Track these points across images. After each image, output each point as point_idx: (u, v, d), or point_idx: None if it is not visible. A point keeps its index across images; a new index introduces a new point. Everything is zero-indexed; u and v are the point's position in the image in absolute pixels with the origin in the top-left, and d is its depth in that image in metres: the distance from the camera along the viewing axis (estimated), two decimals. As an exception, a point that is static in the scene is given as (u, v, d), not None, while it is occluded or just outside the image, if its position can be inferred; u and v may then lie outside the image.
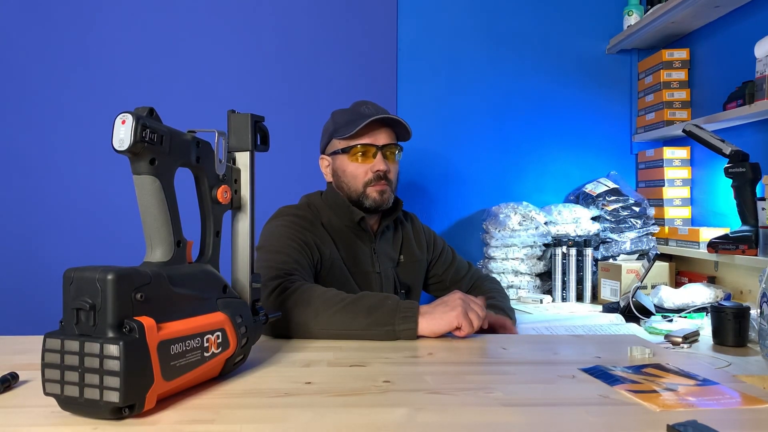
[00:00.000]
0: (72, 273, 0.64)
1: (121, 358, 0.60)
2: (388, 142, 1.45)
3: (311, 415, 0.66)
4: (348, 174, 1.45)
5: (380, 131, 1.45)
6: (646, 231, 2.17)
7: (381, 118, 1.43)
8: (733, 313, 1.36)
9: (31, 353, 0.92)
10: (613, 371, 0.84)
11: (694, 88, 2.21)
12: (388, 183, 1.45)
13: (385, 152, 1.44)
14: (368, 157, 1.44)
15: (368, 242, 1.47)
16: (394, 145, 1.46)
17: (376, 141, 1.43)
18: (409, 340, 1.05)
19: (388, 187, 1.45)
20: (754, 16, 1.90)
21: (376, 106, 1.48)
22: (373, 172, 1.42)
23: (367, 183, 1.43)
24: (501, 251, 2.14)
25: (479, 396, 0.73)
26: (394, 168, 1.47)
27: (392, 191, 1.47)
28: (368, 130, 1.44)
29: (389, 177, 1.45)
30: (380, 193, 1.43)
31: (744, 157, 1.69)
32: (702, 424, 0.60)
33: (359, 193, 1.44)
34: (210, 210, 0.81)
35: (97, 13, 2.24)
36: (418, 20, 2.37)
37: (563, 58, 2.41)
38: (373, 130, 1.44)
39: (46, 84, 2.23)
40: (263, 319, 0.87)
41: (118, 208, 2.22)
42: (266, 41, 2.31)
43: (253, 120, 0.86)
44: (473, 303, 1.10)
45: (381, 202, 1.44)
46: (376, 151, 1.43)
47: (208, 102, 2.26)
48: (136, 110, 0.69)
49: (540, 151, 2.41)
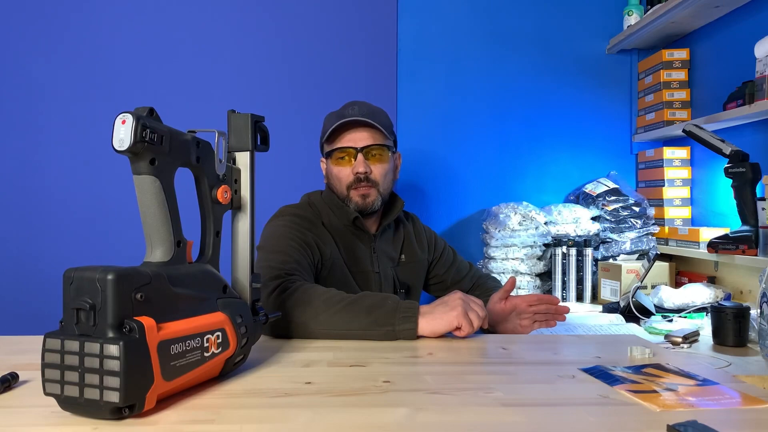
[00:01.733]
0: (72, 273, 0.64)
1: (121, 358, 0.60)
2: (369, 143, 1.42)
3: (311, 415, 0.66)
4: (334, 177, 1.45)
5: (362, 133, 1.42)
6: (646, 231, 2.17)
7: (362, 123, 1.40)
8: (733, 313, 1.36)
9: (31, 353, 0.92)
10: (613, 371, 0.84)
11: (694, 88, 2.20)
12: (373, 185, 1.42)
13: (366, 153, 1.42)
14: (349, 159, 1.42)
15: (367, 242, 1.47)
16: (377, 146, 1.43)
17: (355, 143, 1.41)
18: (409, 340, 1.05)
19: (373, 189, 1.42)
20: (754, 16, 1.89)
21: (364, 106, 1.45)
22: (354, 174, 1.41)
23: (349, 186, 1.42)
24: (501, 251, 2.14)
25: (479, 396, 0.73)
26: (380, 168, 1.43)
27: (379, 193, 1.43)
28: (348, 133, 1.42)
29: (373, 178, 1.42)
30: (362, 196, 1.41)
31: (744, 157, 1.69)
32: (702, 424, 0.60)
33: (344, 196, 1.43)
34: (210, 210, 0.81)
35: (97, 13, 2.24)
36: (418, 20, 2.37)
37: (563, 58, 2.41)
38: (354, 133, 1.42)
39: (45, 84, 2.23)
40: (263, 319, 0.87)
41: (118, 208, 2.22)
42: (266, 41, 2.31)
43: (253, 120, 0.86)
44: (473, 303, 1.10)
45: (363, 206, 1.42)
46: (356, 153, 1.41)
47: (208, 102, 2.26)
48: (136, 110, 0.69)
49: (540, 151, 2.41)
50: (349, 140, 1.42)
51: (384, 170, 1.45)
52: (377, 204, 1.44)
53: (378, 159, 1.44)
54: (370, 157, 1.43)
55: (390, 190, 1.50)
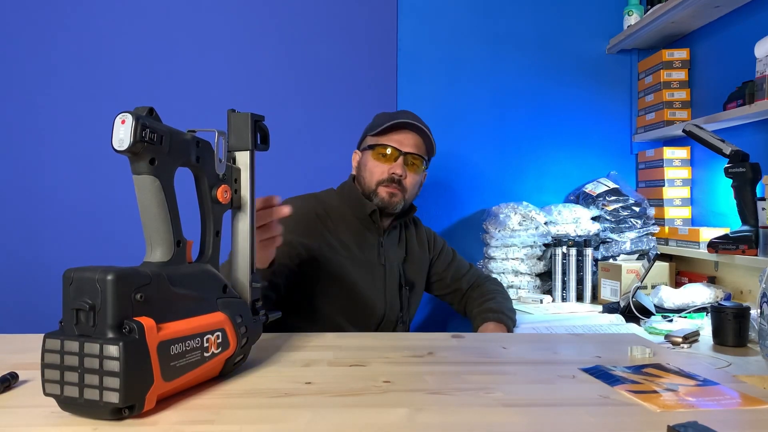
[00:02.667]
0: (72, 273, 0.64)
1: (120, 358, 0.60)
2: (413, 150, 1.47)
3: (311, 415, 0.66)
4: (367, 169, 1.48)
5: (410, 139, 1.47)
6: (646, 231, 2.17)
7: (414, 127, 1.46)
8: (733, 313, 1.36)
9: (31, 353, 0.92)
10: (613, 371, 0.84)
11: (694, 88, 2.20)
12: (401, 189, 1.46)
13: (407, 159, 1.47)
14: (390, 158, 1.46)
15: (376, 236, 1.50)
16: (418, 156, 1.48)
17: (401, 146, 1.46)
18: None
19: (400, 193, 1.46)
20: (754, 16, 1.89)
21: (417, 117, 1.50)
22: (389, 173, 1.45)
23: (380, 182, 1.46)
24: (501, 251, 2.14)
25: (479, 396, 0.73)
26: (412, 177, 1.48)
27: (404, 198, 1.48)
28: (398, 135, 1.46)
29: (404, 183, 1.46)
30: (390, 194, 1.45)
31: (744, 157, 1.69)
32: (702, 424, 0.60)
33: (371, 190, 1.47)
34: (210, 210, 0.81)
35: (97, 13, 2.24)
36: (418, 20, 2.37)
37: (563, 58, 2.41)
38: (402, 136, 1.47)
39: (45, 83, 2.23)
40: (263, 319, 0.87)
41: (118, 208, 2.22)
42: (266, 41, 2.31)
43: (253, 119, 0.86)
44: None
45: (388, 203, 1.45)
46: (399, 155, 1.46)
47: (208, 102, 2.26)
48: (136, 110, 0.69)
49: (540, 151, 2.41)
50: (397, 141, 1.47)
51: (415, 180, 1.50)
52: (399, 207, 1.48)
53: (414, 168, 1.49)
54: (409, 164, 1.48)
55: (411, 201, 1.55)
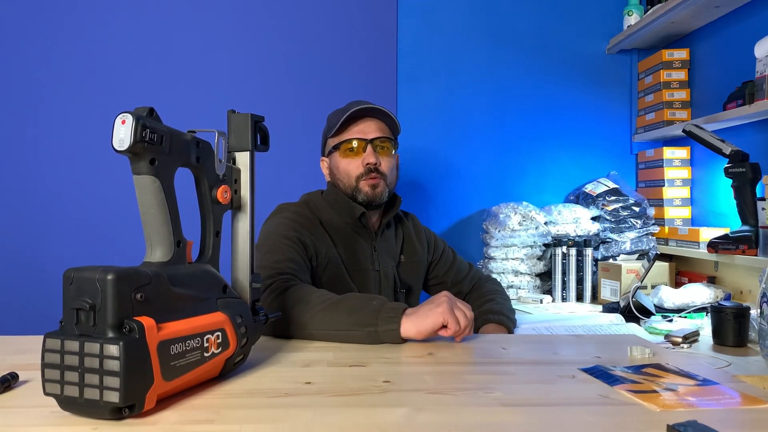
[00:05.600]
0: (72, 273, 0.64)
1: (121, 358, 0.60)
2: (377, 135, 1.44)
3: (311, 415, 0.66)
4: (341, 170, 1.45)
5: (369, 125, 1.44)
6: (646, 231, 2.17)
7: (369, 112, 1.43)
8: (733, 313, 1.35)
9: (31, 353, 0.92)
10: (613, 371, 0.84)
11: (694, 88, 2.20)
12: (381, 176, 1.43)
13: (375, 145, 1.44)
14: (358, 151, 1.43)
15: (369, 240, 1.47)
16: (385, 139, 1.45)
17: (365, 135, 1.43)
18: (395, 343, 1.02)
19: (382, 181, 1.43)
20: (754, 16, 1.89)
21: (369, 103, 1.47)
22: (364, 165, 1.42)
23: (359, 177, 1.42)
24: (501, 251, 2.14)
25: (479, 396, 0.73)
26: (387, 161, 1.45)
27: (387, 185, 1.45)
28: (357, 125, 1.44)
29: (381, 170, 1.43)
30: (372, 186, 1.42)
31: (744, 157, 1.69)
32: (702, 424, 0.60)
33: (353, 188, 1.43)
34: (210, 210, 0.81)
35: (98, 13, 2.24)
36: (418, 20, 2.37)
37: (563, 58, 2.41)
38: (362, 125, 1.44)
39: (45, 84, 2.23)
40: (263, 319, 0.87)
41: (118, 208, 2.21)
42: (266, 41, 2.31)
43: (252, 120, 0.86)
44: (460, 302, 1.08)
45: (373, 196, 1.42)
46: (366, 145, 1.42)
47: (208, 102, 2.26)
48: (136, 110, 0.69)
49: (540, 151, 2.41)
50: (359, 132, 1.44)
51: (391, 164, 1.47)
52: (385, 195, 1.45)
53: (386, 152, 1.46)
54: (379, 149, 1.45)
55: (394, 186, 1.51)
